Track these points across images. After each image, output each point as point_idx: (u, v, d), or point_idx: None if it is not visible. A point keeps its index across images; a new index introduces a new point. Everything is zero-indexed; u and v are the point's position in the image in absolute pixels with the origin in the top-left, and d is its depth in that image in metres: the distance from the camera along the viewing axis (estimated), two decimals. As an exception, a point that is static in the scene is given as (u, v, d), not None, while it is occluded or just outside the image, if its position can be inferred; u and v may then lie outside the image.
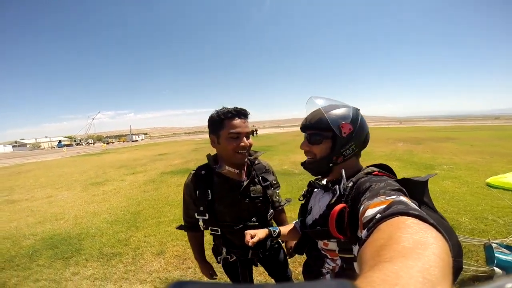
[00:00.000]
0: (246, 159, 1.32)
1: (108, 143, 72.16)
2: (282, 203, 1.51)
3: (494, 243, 2.25)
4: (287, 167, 8.38)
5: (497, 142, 12.75)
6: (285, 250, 1.59)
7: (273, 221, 1.52)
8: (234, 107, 1.24)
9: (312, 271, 1.00)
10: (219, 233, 1.35)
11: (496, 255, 2.11)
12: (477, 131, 22.80)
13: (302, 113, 0.99)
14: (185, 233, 1.52)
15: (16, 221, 5.18)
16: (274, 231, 1.16)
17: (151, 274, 2.84)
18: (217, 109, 1.27)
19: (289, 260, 1.63)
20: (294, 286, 0.19)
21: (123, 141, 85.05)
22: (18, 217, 5.51)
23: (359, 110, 0.91)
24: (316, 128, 0.90)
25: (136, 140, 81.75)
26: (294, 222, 1.24)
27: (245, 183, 1.31)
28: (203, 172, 1.33)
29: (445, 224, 0.74)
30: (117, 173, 10.45)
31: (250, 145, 1.27)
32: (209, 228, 1.35)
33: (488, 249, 2.21)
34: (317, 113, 0.91)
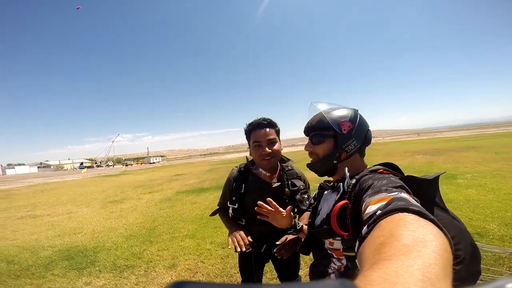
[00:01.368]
0: (277, 165, 1.48)
1: (127, 165, 74.36)
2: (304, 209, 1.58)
3: None
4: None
5: (524, 148, 11.93)
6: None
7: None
8: (258, 119, 1.41)
9: (318, 271, 0.98)
10: (243, 223, 1.48)
11: None
12: (501, 138, 21.60)
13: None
14: (197, 246, 1.59)
15: (36, 234, 5.35)
16: (298, 223, 1.20)
17: (161, 286, 2.77)
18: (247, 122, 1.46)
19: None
20: (294, 286, 0.19)
21: (141, 163, 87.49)
22: (39, 230, 5.69)
23: (357, 110, 0.96)
24: (318, 129, 0.95)
25: (154, 162, 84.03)
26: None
27: (274, 185, 1.43)
28: (242, 169, 1.53)
29: (457, 224, 0.73)
30: (134, 192, 10.68)
31: (273, 151, 1.38)
32: (236, 218, 1.50)
33: None
34: (317, 115, 0.97)
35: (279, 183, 1.43)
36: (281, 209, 1.12)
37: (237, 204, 1.45)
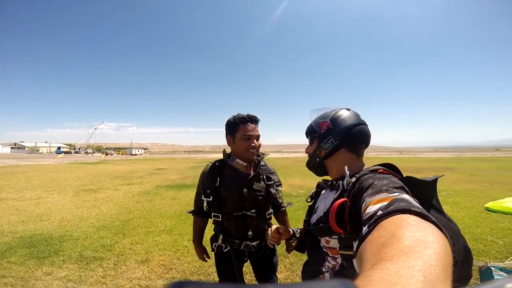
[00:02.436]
0: (255, 158, 1.51)
1: (107, 154, 72.02)
2: (284, 205, 1.67)
3: (492, 266, 2.09)
4: (285, 189, 8.22)
5: (497, 172, 12.82)
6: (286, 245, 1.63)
7: (273, 218, 1.65)
8: (247, 114, 1.47)
9: (311, 270, 0.97)
10: (220, 219, 1.49)
11: (496, 277, 1.91)
12: (477, 162, 23.05)
13: (303, 139, 1.14)
14: (174, 242, 1.74)
15: (-3, 218, 4.91)
16: (297, 231, 1.19)
17: (131, 281, 2.58)
18: (233, 115, 1.50)
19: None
20: (295, 286, 0.18)
21: (122, 154, 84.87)
22: (1, 214, 5.25)
23: (347, 109, 0.98)
24: (308, 133, 1.05)
25: (135, 154, 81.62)
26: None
27: (251, 176, 1.48)
28: (217, 164, 1.55)
29: (452, 227, 0.74)
30: (112, 183, 10.23)
31: (259, 145, 1.49)
32: (212, 214, 1.51)
33: (487, 272, 2.02)
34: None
35: (254, 175, 1.50)
36: (274, 226, 1.16)
37: (211, 197, 1.46)
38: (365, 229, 0.48)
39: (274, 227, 1.15)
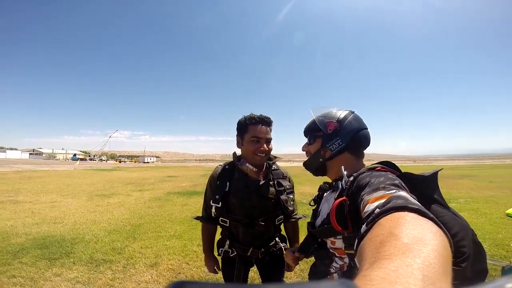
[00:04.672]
0: (265, 162, 1.42)
1: (120, 162, 73.59)
2: (297, 216, 1.54)
3: None
4: (295, 196, 8.10)
5: (519, 179, 12.28)
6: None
7: (282, 227, 1.56)
8: (260, 115, 1.37)
9: (319, 271, 0.95)
10: (227, 224, 1.40)
11: None
12: (496, 169, 22.33)
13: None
14: (184, 247, 1.62)
15: (13, 220, 5.04)
16: None
17: (139, 284, 2.54)
18: (245, 115, 1.41)
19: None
20: (296, 286, 0.18)
21: (135, 162, 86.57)
22: (16, 216, 5.37)
23: (352, 112, 0.98)
24: (310, 131, 1.02)
25: (148, 162, 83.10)
26: None
27: (261, 182, 1.38)
28: (227, 167, 1.46)
29: (459, 221, 0.72)
30: (124, 189, 10.39)
31: (269, 150, 1.38)
32: (220, 219, 1.41)
33: (510, 271, 1.87)
34: (311, 119, 1.03)
35: (264, 181, 1.40)
36: (288, 252, 1.12)
37: (220, 203, 1.36)
38: (363, 227, 0.48)
39: (288, 252, 1.10)
